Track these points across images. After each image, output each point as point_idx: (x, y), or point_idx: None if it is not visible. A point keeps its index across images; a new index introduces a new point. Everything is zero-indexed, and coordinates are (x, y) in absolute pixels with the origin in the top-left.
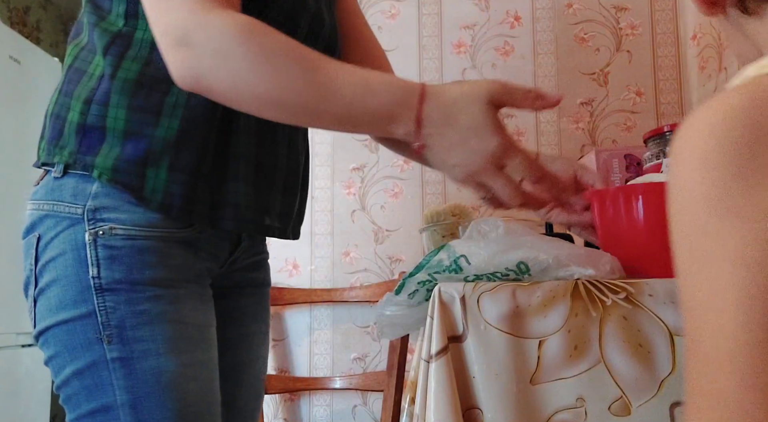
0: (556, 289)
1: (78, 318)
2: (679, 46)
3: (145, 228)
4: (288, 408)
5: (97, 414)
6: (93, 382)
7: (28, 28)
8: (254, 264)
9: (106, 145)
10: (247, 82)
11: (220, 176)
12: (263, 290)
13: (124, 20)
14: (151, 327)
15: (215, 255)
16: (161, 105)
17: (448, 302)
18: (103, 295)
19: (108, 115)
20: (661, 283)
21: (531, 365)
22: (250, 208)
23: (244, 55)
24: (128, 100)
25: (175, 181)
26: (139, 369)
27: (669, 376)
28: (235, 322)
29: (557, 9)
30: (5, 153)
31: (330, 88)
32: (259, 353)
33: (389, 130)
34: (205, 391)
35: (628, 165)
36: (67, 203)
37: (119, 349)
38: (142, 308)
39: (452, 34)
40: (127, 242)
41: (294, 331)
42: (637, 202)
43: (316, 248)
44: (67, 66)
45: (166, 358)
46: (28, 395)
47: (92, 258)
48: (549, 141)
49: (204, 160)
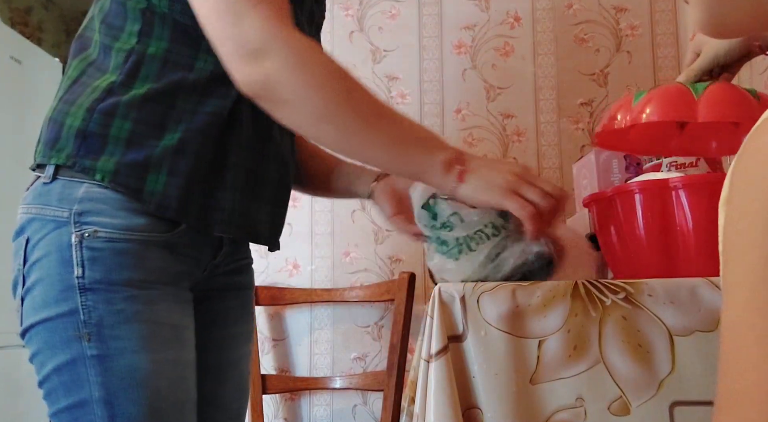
0: (556, 289)
1: (59, 317)
2: (679, 47)
3: (125, 231)
4: (288, 408)
5: (73, 409)
6: (71, 378)
7: (30, 29)
8: (238, 268)
9: (108, 151)
10: (314, 94)
11: (213, 183)
12: (246, 293)
13: (137, 38)
14: (126, 326)
15: (197, 259)
16: (166, 119)
17: (448, 302)
18: (85, 294)
19: (113, 124)
20: (660, 283)
21: (531, 365)
22: (239, 214)
23: (316, 71)
24: (135, 114)
25: (173, 184)
26: (114, 366)
27: (668, 376)
28: (219, 324)
29: (557, 9)
30: (5, 153)
31: (384, 109)
32: (243, 352)
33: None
34: (175, 389)
35: (628, 165)
36: (54, 207)
37: (97, 347)
38: (119, 307)
39: (452, 34)
40: (107, 244)
41: (294, 331)
42: (635, 201)
43: (317, 248)
44: (71, 79)
45: (140, 356)
46: (28, 395)
47: (77, 258)
48: (549, 141)
49: (200, 168)
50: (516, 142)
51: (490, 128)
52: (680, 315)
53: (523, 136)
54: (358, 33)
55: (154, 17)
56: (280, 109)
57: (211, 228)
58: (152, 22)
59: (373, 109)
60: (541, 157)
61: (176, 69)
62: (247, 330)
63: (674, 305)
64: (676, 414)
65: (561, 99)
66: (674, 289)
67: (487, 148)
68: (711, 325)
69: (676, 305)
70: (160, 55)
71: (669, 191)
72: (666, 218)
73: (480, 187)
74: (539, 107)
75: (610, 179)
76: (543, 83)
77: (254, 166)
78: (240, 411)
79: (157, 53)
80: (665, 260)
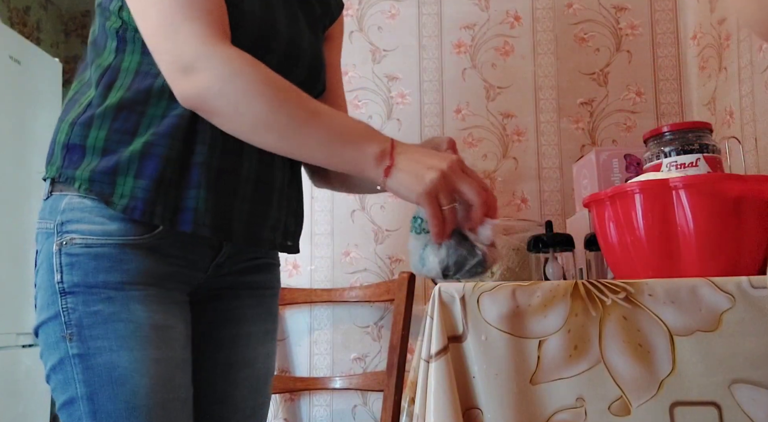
0: (556, 289)
1: (49, 320)
2: (679, 46)
3: (100, 236)
4: (288, 408)
5: (66, 406)
6: (63, 377)
7: (29, 28)
8: (252, 267)
9: (86, 160)
10: (252, 105)
11: (180, 183)
12: (264, 292)
13: (115, 54)
14: (105, 326)
15: (190, 260)
16: (138, 125)
17: (448, 302)
18: (65, 298)
19: (89, 135)
20: (661, 283)
21: (531, 365)
22: (208, 213)
23: (247, 82)
24: (110, 123)
25: (139, 186)
26: (95, 365)
27: (669, 376)
28: (231, 323)
29: (557, 9)
30: (5, 153)
31: (318, 110)
32: (259, 352)
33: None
34: (157, 387)
35: (628, 165)
36: (47, 220)
37: (78, 346)
38: (96, 309)
39: (452, 34)
40: (84, 249)
41: (294, 331)
42: (635, 201)
43: (316, 248)
44: (68, 99)
45: (119, 355)
46: (28, 395)
47: (57, 265)
48: (549, 141)
49: (165, 169)
50: (516, 142)
51: (490, 128)
52: (680, 315)
53: (523, 135)
54: (357, 33)
55: (126, 34)
56: (217, 119)
57: (182, 228)
58: (125, 38)
59: (307, 111)
60: (541, 157)
61: (147, 77)
62: (265, 329)
63: (674, 305)
64: (676, 414)
65: (561, 99)
66: (674, 289)
67: (487, 148)
68: (711, 325)
69: (677, 305)
70: (134, 67)
71: (669, 191)
72: (666, 218)
73: (403, 185)
74: (539, 107)
75: (610, 179)
76: (543, 83)
77: (226, 165)
78: (256, 410)
79: (131, 66)
80: (665, 260)
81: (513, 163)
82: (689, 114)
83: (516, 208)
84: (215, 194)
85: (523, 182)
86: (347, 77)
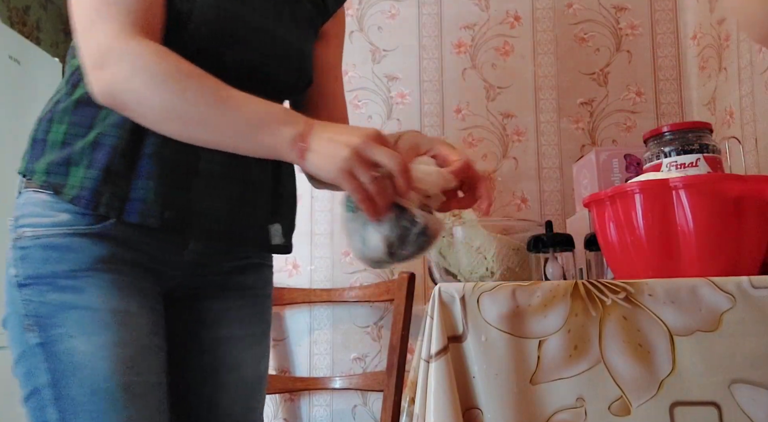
0: (556, 289)
1: (11, 314)
2: (679, 46)
3: (49, 228)
4: (288, 408)
5: (31, 398)
6: (26, 369)
7: (28, 28)
8: (240, 268)
9: (46, 154)
10: (155, 96)
11: (128, 174)
12: (253, 293)
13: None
14: (61, 315)
15: (152, 254)
16: (94, 119)
17: (448, 302)
18: (21, 290)
19: (51, 130)
20: (661, 283)
21: (531, 365)
22: (158, 204)
23: (154, 75)
24: (69, 117)
25: (89, 176)
26: (56, 351)
27: (669, 376)
28: (213, 325)
29: (557, 9)
30: (4, 153)
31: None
32: (246, 356)
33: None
34: (119, 370)
35: (628, 165)
36: (11, 217)
37: (39, 336)
38: (51, 298)
39: (452, 34)
40: (33, 241)
41: (294, 331)
42: (635, 201)
43: (316, 248)
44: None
45: (78, 340)
46: None
47: (12, 259)
48: (549, 141)
49: (114, 160)
50: (516, 142)
51: (490, 128)
52: (680, 315)
53: (523, 135)
54: (357, 33)
55: None
56: (128, 113)
57: (128, 218)
58: None
59: (215, 98)
60: (541, 157)
61: None
62: (252, 333)
63: (674, 305)
64: (676, 414)
65: (561, 99)
66: (674, 289)
67: (487, 148)
68: (711, 325)
69: (677, 305)
70: None
71: (669, 191)
72: (666, 218)
73: (317, 167)
74: (539, 107)
75: (610, 179)
76: (543, 83)
77: (180, 157)
78: (247, 416)
79: None
80: (665, 260)
81: (513, 163)
82: (689, 114)
83: (516, 208)
84: (167, 187)
85: (523, 182)
86: (347, 77)
